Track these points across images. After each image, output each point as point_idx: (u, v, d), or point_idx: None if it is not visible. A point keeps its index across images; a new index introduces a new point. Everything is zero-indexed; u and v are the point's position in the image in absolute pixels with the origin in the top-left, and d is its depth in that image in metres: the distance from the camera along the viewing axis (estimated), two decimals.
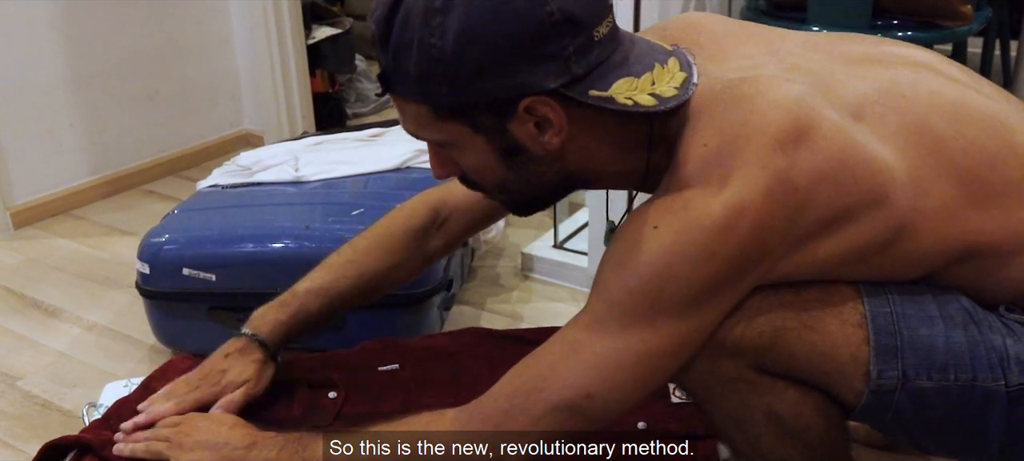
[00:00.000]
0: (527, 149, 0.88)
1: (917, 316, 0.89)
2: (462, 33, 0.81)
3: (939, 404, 0.89)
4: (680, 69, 0.88)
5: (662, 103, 0.85)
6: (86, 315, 1.97)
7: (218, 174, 1.99)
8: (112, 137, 2.68)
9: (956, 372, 0.87)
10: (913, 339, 0.88)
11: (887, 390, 0.88)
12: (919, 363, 0.87)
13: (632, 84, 0.85)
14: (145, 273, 1.66)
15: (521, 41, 0.81)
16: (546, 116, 0.85)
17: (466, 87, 0.83)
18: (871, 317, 0.88)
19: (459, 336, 1.41)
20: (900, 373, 0.87)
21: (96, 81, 2.60)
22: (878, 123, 0.87)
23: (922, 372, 0.87)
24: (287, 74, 2.92)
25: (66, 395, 1.68)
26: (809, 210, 0.83)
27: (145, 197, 2.68)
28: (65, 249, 2.33)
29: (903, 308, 0.89)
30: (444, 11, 0.81)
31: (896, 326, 0.88)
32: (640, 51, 0.89)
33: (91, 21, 2.55)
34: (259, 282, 1.62)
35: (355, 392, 1.21)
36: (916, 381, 0.88)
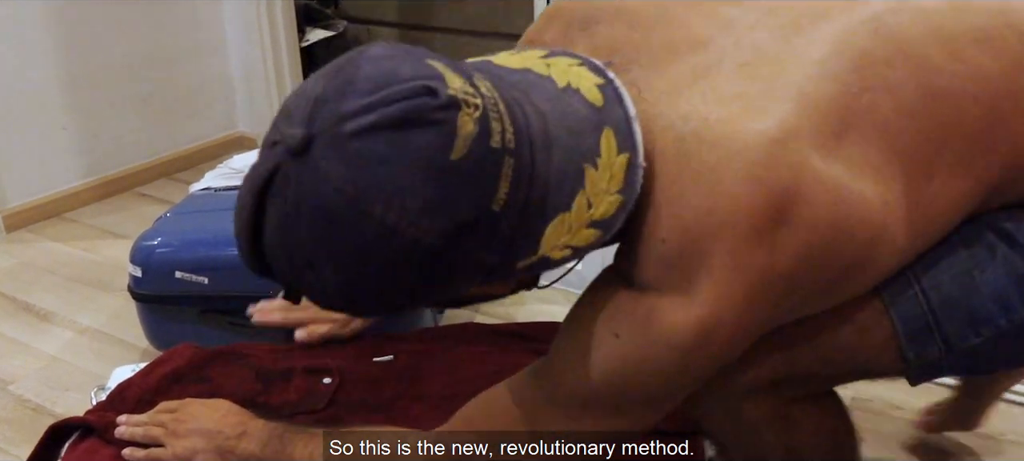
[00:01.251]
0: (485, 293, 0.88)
1: (946, 278, 0.81)
2: (343, 286, 0.71)
3: (998, 348, 0.82)
4: (618, 149, 0.71)
5: (607, 229, 0.73)
6: (79, 319, 1.96)
7: (211, 177, 1.99)
8: (105, 140, 2.67)
9: (1007, 315, 0.80)
10: (946, 305, 0.81)
11: (932, 361, 0.83)
12: (961, 326, 0.81)
13: (564, 225, 0.72)
14: (137, 276, 1.65)
15: (412, 277, 0.69)
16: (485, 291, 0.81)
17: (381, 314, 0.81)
18: (894, 311, 0.82)
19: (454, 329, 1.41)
20: (941, 344, 0.82)
21: (89, 84, 2.60)
22: (864, 131, 0.74)
23: (968, 332, 0.81)
24: (281, 77, 2.92)
25: (58, 399, 1.67)
26: (798, 290, 0.74)
27: (138, 200, 2.67)
28: (57, 252, 2.32)
29: (928, 278, 0.81)
30: (312, 267, 0.70)
31: (924, 305, 0.81)
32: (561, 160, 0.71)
33: (84, 24, 2.54)
34: (251, 285, 1.61)
35: (350, 379, 1.22)
36: (962, 343, 0.82)
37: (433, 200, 0.65)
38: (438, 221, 0.66)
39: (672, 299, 0.72)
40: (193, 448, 1.04)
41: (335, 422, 1.13)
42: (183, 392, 1.21)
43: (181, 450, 1.05)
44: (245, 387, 1.22)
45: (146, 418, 1.11)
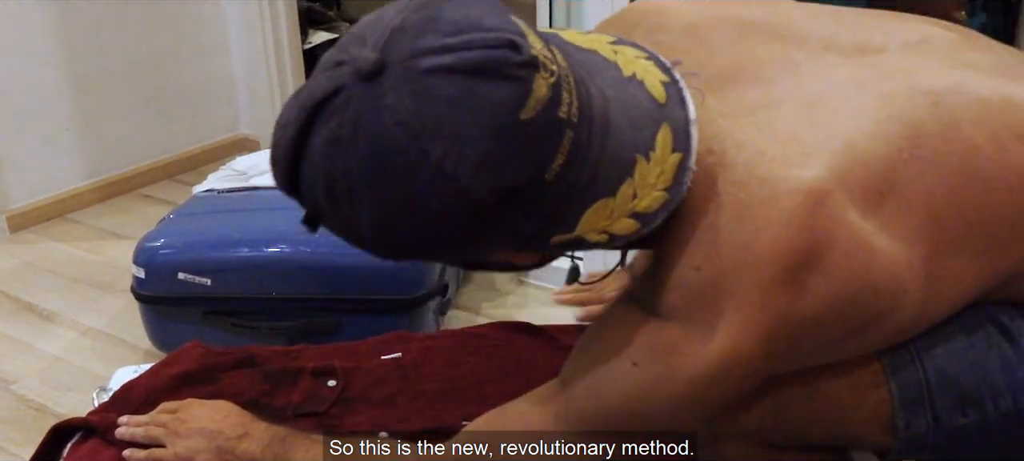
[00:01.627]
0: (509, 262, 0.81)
1: (943, 353, 0.82)
2: (377, 228, 0.69)
3: (981, 436, 0.83)
4: (672, 149, 0.71)
5: (646, 223, 0.71)
6: (81, 319, 1.97)
7: (214, 179, 1.99)
8: (108, 141, 2.68)
9: (994, 402, 0.81)
10: (941, 380, 0.81)
11: (919, 436, 0.82)
12: (951, 402, 0.81)
13: (606, 210, 0.70)
14: (140, 277, 1.66)
15: (451, 231, 0.68)
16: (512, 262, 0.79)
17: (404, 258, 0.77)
18: (890, 370, 0.82)
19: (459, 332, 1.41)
20: (931, 417, 0.82)
21: (92, 86, 2.60)
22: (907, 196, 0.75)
23: (956, 411, 0.81)
24: (283, 79, 2.92)
25: (61, 399, 1.68)
26: (817, 335, 0.74)
27: (141, 201, 2.68)
28: (61, 253, 2.32)
29: (926, 350, 0.82)
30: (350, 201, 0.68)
31: (920, 372, 0.82)
32: (616, 145, 0.70)
33: (88, 26, 2.55)
34: (254, 287, 1.63)
35: (356, 378, 1.22)
36: (950, 421, 0.81)
37: (492, 155, 0.64)
38: (492, 178, 0.65)
39: (695, 332, 0.71)
40: (194, 448, 1.04)
41: (337, 421, 1.13)
42: (190, 393, 1.21)
43: (182, 450, 1.04)
44: (252, 388, 1.22)
45: (147, 419, 1.10)
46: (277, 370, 1.24)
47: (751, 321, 0.70)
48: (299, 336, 1.61)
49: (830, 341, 0.76)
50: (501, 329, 1.35)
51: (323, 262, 1.61)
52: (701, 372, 0.71)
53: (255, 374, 1.24)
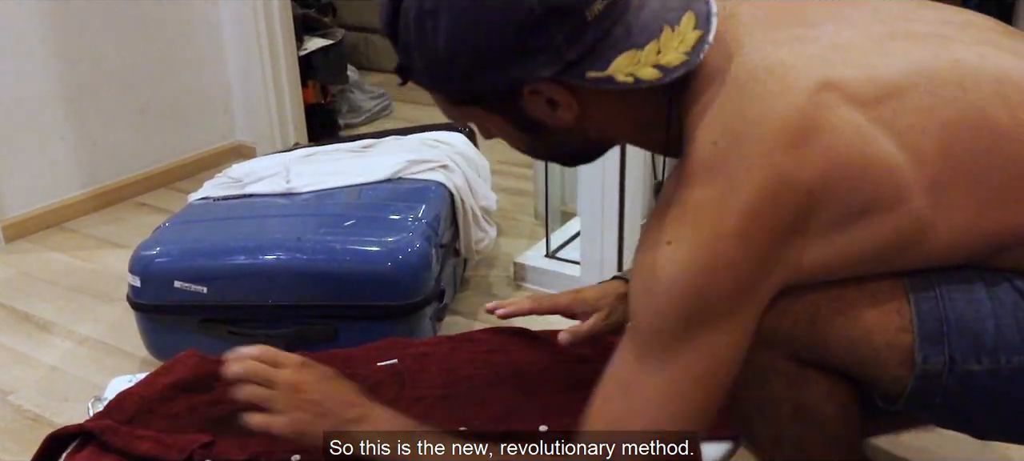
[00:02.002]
0: (544, 123, 0.90)
1: (963, 299, 0.86)
2: (451, 37, 0.83)
3: (990, 388, 0.86)
4: (694, 27, 0.83)
5: (666, 74, 0.82)
6: (78, 328, 1.96)
7: (209, 186, 1.99)
8: (104, 150, 2.67)
9: (1007, 355, 0.85)
10: (960, 323, 0.85)
11: (934, 374, 0.86)
12: (967, 347, 0.85)
13: (634, 58, 0.82)
14: (136, 286, 1.65)
15: (506, 38, 0.82)
16: (552, 97, 0.87)
17: (467, 81, 0.86)
18: (914, 302, 0.86)
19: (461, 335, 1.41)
20: (947, 357, 0.86)
21: (88, 94, 2.60)
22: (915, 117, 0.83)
23: (970, 356, 0.85)
24: (279, 86, 2.92)
25: (58, 409, 1.67)
26: (820, 209, 0.82)
27: (137, 209, 2.68)
28: (57, 262, 2.32)
29: (948, 291, 0.87)
30: (433, 15, 0.83)
31: (942, 310, 0.86)
32: (648, 16, 0.83)
33: (82, 34, 2.55)
34: (251, 294, 1.62)
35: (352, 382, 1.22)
36: (964, 365, 0.86)
37: None
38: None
39: (713, 193, 0.81)
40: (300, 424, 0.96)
41: None
42: (186, 402, 1.21)
43: (287, 423, 0.97)
44: None
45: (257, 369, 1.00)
46: None
47: (761, 179, 0.79)
48: (296, 343, 1.61)
49: (834, 221, 0.82)
50: (497, 334, 1.35)
51: (319, 269, 1.61)
52: (726, 227, 0.80)
53: None
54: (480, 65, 0.84)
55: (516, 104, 0.88)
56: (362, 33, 4.35)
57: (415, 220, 1.71)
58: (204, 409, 1.19)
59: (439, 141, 2.12)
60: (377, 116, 3.56)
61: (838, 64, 0.85)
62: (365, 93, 3.57)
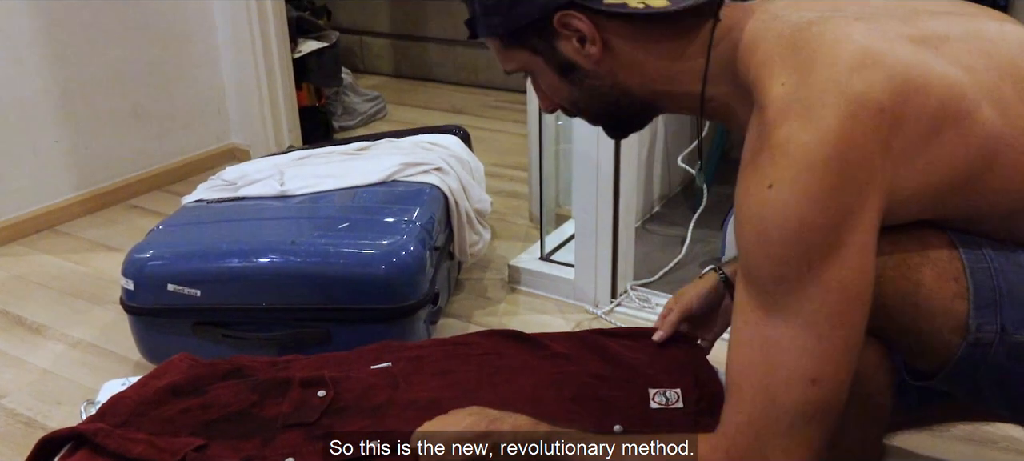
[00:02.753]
0: (578, 65, 0.99)
1: (1014, 270, 0.89)
2: None
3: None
4: None
5: (674, 3, 0.91)
6: (70, 332, 1.96)
7: (203, 189, 1.99)
8: (97, 152, 2.67)
9: None
10: (1012, 292, 0.88)
11: (985, 343, 0.88)
12: (1018, 316, 0.87)
13: None
14: (129, 289, 1.65)
15: None
16: (579, 30, 0.95)
17: (508, 14, 0.98)
18: (970, 270, 0.89)
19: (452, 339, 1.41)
20: (999, 326, 0.88)
21: (81, 97, 2.59)
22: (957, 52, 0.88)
23: (1021, 325, 0.87)
24: (273, 88, 2.92)
25: (50, 413, 1.67)
26: (896, 128, 0.84)
27: (131, 212, 2.67)
28: (49, 265, 2.31)
29: (999, 262, 0.89)
30: None
31: (994, 279, 0.88)
32: None
33: (75, 37, 2.54)
34: (244, 297, 1.62)
35: (345, 387, 1.22)
36: (1016, 335, 0.88)
37: None
38: None
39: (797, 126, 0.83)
40: None
41: (327, 433, 1.12)
42: (179, 405, 1.20)
43: None
44: (241, 399, 1.21)
45: None
46: (266, 381, 1.24)
47: (835, 104, 0.82)
48: (289, 346, 1.61)
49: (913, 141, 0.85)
50: (490, 337, 1.35)
51: (313, 272, 1.61)
52: (818, 156, 0.81)
53: (244, 385, 1.23)
54: None
55: (552, 41, 0.99)
56: (356, 35, 4.35)
57: (409, 223, 1.71)
58: (197, 412, 1.18)
59: (434, 144, 2.12)
60: (372, 119, 3.56)
61: (874, 20, 0.91)
62: (359, 96, 3.57)
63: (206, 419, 1.17)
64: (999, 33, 0.94)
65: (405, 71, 4.30)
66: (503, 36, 1.02)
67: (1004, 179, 0.88)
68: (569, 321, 1.94)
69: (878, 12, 0.94)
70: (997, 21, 0.96)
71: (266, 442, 1.12)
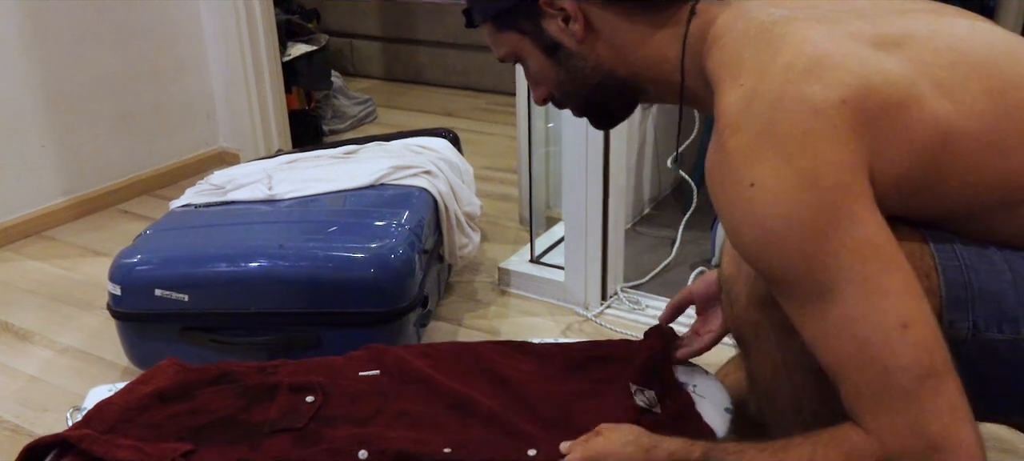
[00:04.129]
0: (563, 44, 1.04)
1: (985, 268, 0.88)
2: None
3: (1010, 358, 0.88)
4: None
5: None
6: (58, 338, 1.95)
7: (191, 194, 1.98)
8: (85, 157, 2.66)
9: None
10: (983, 290, 0.87)
11: (958, 341, 0.87)
12: (990, 314, 0.87)
13: None
14: (117, 294, 1.64)
15: None
16: (563, 8, 1.01)
17: None
18: (941, 267, 0.88)
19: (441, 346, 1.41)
20: (971, 324, 0.87)
21: (68, 101, 2.58)
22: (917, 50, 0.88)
23: (993, 324, 0.87)
24: (262, 92, 2.91)
25: (37, 419, 1.66)
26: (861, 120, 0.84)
27: (119, 217, 2.66)
28: (37, 271, 2.30)
29: (971, 259, 0.89)
30: None
31: (966, 276, 0.88)
32: None
33: (63, 41, 2.53)
34: (233, 302, 1.61)
35: (334, 395, 1.22)
36: (987, 333, 0.87)
37: None
38: None
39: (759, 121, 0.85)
40: None
41: (315, 438, 1.12)
42: (166, 411, 1.20)
43: None
44: (229, 405, 1.21)
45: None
46: (254, 386, 1.24)
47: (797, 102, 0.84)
48: (278, 351, 1.60)
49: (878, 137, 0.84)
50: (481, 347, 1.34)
51: (301, 276, 1.60)
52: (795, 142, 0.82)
53: (231, 390, 1.23)
54: None
55: (538, 23, 1.04)
56: (346, 39, 4.34)
57: (398, 226, 1.70)
58: (184, 418, 1.18)
59: (423, 147, 2.12)
60: (361, 122, 3.56)
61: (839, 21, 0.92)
62: (349, 99, 3.57)
63: (193, 424, 1.16)
64: (969, 31, 0.94)
65: (395, 74, 4.30)
66: (494, 18, 1.07)
67: (965, 171, 0.87)
68: (559, 323, 1.94)
69: (846, 12, 0.95)
70: (968, 19, 0.97)
71: (254, 447, 1.11)
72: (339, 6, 4.30)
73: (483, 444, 1.10)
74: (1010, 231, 0.91)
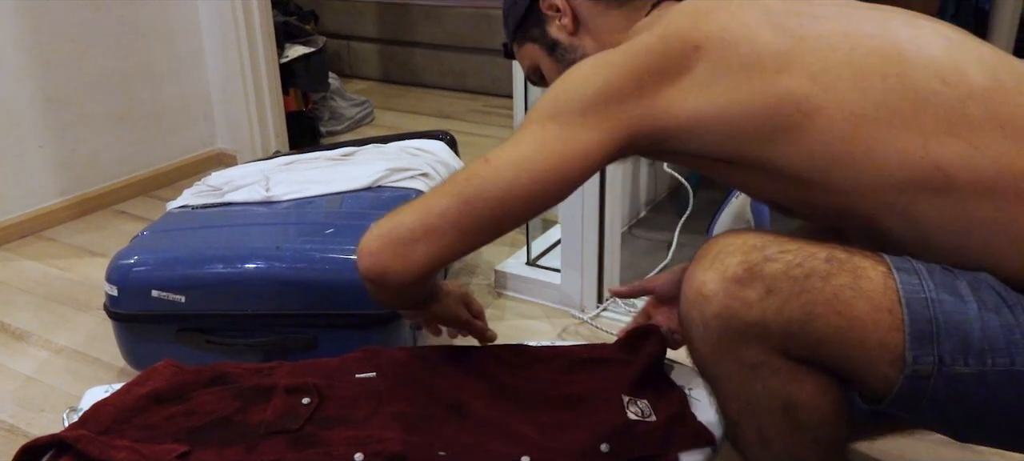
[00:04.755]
0: (559, 41, 1.17)
1: (951, 299, 0.88)
2: None
3: (977, 391, 0.87)
4: None
5: None
6: (54, 338, 1.95)
7: (188, 195, 1.98)
8: (83, 157, 2.66)
9: (993, 357, 0.86)
10: (949, 323, 0.87)
11: (923, 376, 0.87)
12: (955, 348, 0.86)
13: None
14: (113, 295, 1.64)
15: None
16: (554, 5, 1.15)
17: (511, 11, 1.21)
18: (906, 301, 0.87)
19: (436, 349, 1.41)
20: (936, 359, 0.87)
21: (66, 102, 2.58)
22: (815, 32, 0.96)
23: (959, 357, 0.87)
24: (260, 93, 2.91)
25: (33, 420, 1.66)
26: (703, 59, 0.96)
27: (116, 218, 2.66)
28: (34, 271, 2.30)
29: (937, 291, 0.88)
30: None
31: (931, 310, 0.87)
32: None
33: (61, 41, 2.53)
34: (229, 303, 1.61)
35: (330, 397, 1.22)
36: (953, 367, 0.87)
37: None
38: None
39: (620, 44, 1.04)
40: None
41: (311, 440, 1.12)
42: (162, 412, 1.20)
43: None
44: (225, 406, 1.21)
45: None
46: (250, 388, 1.24)
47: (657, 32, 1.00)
48: (275, 352, 1.60)
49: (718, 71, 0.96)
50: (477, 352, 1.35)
51: (298, 278, 1.60)
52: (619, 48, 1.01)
53: (228, 392, 1.23)
54: None
55: (545, 28, 1.18)
56: (344, 40, 4.34)
57: None
58: (180, 419, 1.18)
59: (420, 149, 2.12)
60: (359, 124, 3.56)
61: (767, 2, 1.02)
62: (347, 101, 3.57)
63: (189, 426, 1.16)
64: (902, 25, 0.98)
65: (392, 76, 4.30)
66: (515, 35, 1.21)
67: (814, 142, 0.93)
68: (555, 326, 1.94)
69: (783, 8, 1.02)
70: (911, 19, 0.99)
71: (249, 449, 1.11)
72: (337, 8, 4.31)
73: (477, 447, 1.10)
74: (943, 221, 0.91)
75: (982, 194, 0.89)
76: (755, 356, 0.91)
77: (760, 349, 0.91)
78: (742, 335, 0.90)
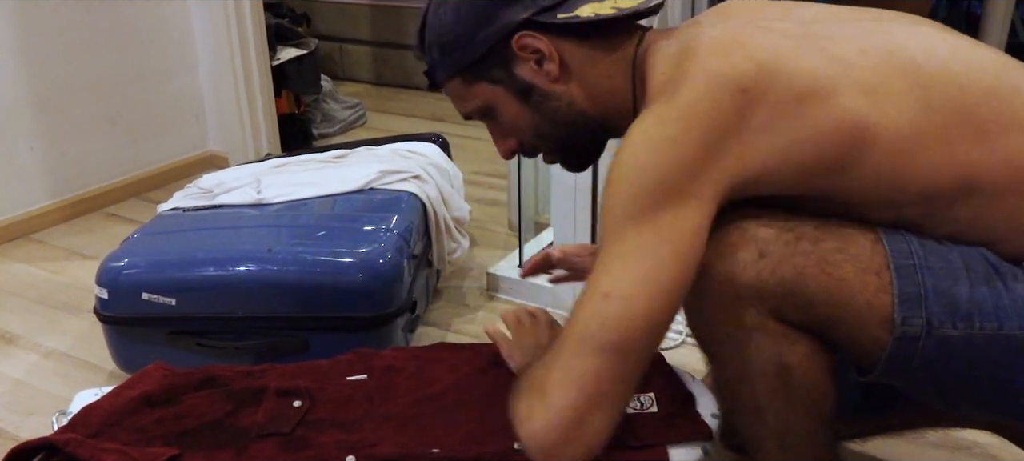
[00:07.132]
0: (536, 86, 1.04)
1: (939, 266, 0.90)
2: (457, 7, 1.03)
3: (965, 354, 0.90)
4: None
5: (621, 12, 1.01)
6: (44, 341, 1.94)
7: (179, 197, 1.97)
8: (73, 160, 2.64)
9: (981, 321, 0.89)
10: (936, 287, 0.89)
11: (912, 337, 0.89)
12: (943, 310, 0.89)
13: (598, 4, 1.01)
14: (104, 298, 1.63)
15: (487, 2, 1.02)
16: (537, 48, 1.02)
17: (469, 46, 1.03)
18: (894, 265, 0.90)
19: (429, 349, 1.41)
20: (925, 320, 0.89)
21: (57, 103, 2.57)
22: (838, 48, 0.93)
23: (947, 320, 0.89)
24: (252, 95, 2.91)
25: (22, 424, 1.65)
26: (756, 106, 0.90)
27: (107, 220, 2.65)
28: (24, 274, 2.29)
29: (925, 258, 0.91)
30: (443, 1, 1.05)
31: (919, 274, 0.90)
32: None
33: (51, 43, 2.52)
34: (220, 306, 1.61)
35: (321, 399, 1.21)
36: (941, 329, 0.89)
37: None
38: None
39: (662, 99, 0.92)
40: None
41: (302, 443, 1.12)
42: (152, 415, 1.19)
43: None
44: (215, 409, 1.21)
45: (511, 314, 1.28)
46: (241, 390, 1.23)
47: (697, 79, 0.91)
48: (266, 355, 1.60)
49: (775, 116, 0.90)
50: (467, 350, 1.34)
51: (289, 280, 1.60)
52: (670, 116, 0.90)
53: (218, 395, 1.23)
54: (479, 20, 1.02)
55: (511, 67, 1.04)
56: (336, 43, 4.34)
57: (387, 231, 1.70)
58: (171, 422, 1.17)
59: (412, 152, 2.12)
60: (351, 126, 3.55)
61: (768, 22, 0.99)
62: (339, 103, 3.56)
63: (180, 429, 1.16)
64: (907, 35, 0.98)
65: (385, 79, 4.30)
66: (465, 71, 1.06)
67: (877, 164, 0.91)
68: None
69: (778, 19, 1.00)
70: (910, 25, 1.00)
71: (240, 452, 1.11)
72: (329, 10, 4.30)
73: (470, 442, 1.10)
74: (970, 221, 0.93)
75: (1005, 191, 0.91)
76: (751, 319, 0.93)
77: (755, 311, 0.93)
78: (738, 297, 0.93)
